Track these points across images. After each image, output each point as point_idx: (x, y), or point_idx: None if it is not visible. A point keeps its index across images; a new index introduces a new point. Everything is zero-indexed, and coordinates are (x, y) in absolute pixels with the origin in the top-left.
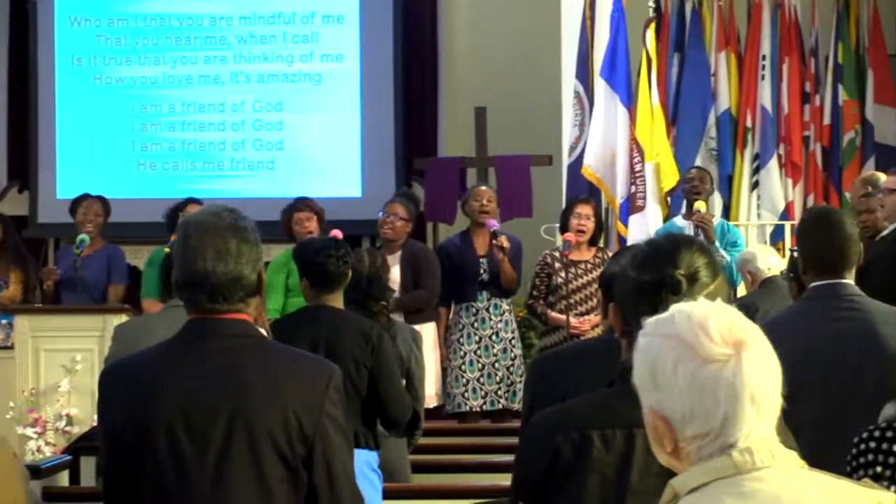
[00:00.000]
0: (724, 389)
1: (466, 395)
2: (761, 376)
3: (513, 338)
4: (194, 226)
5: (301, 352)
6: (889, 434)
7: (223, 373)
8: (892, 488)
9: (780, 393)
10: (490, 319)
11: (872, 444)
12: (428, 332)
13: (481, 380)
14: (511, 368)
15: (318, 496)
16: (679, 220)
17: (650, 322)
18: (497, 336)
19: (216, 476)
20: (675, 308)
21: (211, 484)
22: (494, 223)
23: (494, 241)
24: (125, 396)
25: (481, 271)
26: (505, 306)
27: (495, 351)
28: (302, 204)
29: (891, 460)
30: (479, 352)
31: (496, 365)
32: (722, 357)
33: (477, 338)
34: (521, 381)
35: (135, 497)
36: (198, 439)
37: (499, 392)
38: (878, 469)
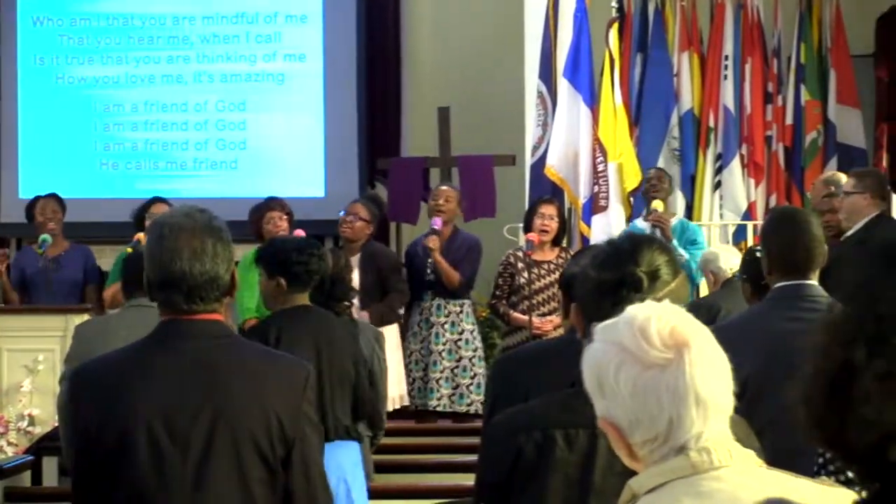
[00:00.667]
0: (667, 393)
1: (414, 393)
2: (706, 376)
3: (459, 339)
4: (169, 226)
5: (275, 351)
6: None
7: (203, 373)
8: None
9: (733, 392)
10: (432, 319)
11: None
12: (391, 333)
13: (426, 379)
14: (455, 370)
15: (295, 497)
16: (640, 222)
17: (598, 328)
18: (440, 337)
19: (197, 477)
20: (623, 313)
21: (192, 485)
22: (438, 222)
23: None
24: (101, 398)
25: (428, 272)
26: (453, 307)
27: (432, 350)
28: (275, 203)
29: None
30: (422, 351)
31: (432, 366)
32: (661, 361)
33: (420, 337)
34: (468, 384)
35: (111, 499)
36: (179, 440)
37: (437, 393)
38: (850, 474)
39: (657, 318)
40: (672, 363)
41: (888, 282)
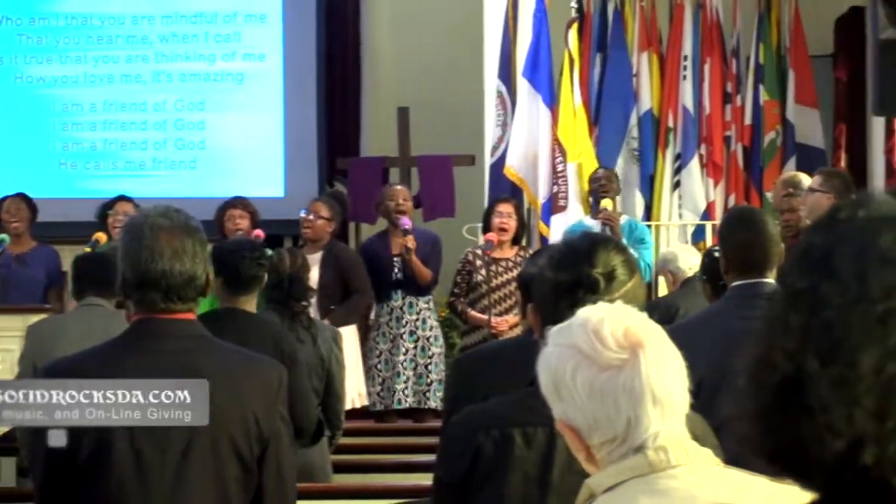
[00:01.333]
0: (624, 394)
1: (382, 394)
2: (662, 376)
3: (430, 336)
4: (149, 225)
5: (251, 352)
6: None
7: (183, 373)
8: None
9: (689, 390)
10: (405, 318)
11: None
12: (349, 333)
13: (393, 378)
14: (429, 367)
15: (265, 496)
16: (587, 220)
17: (552, 332)
18: (412, 335)
19: (177, 476)
20: (576, 316)
21: (171, 484)
22: (407, 221)
23: (401, 241)
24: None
25: (395, 271)
26: (422, 304)
27: (406, 348)
28: (238, 202)
29: None
30: (392, 350)
31: (405, 364)
32: (617, 362)
33: (391, 336)
34: (439, 380)
35: (88, 499)
36: (159, 440)
37: (406, 391)
38: None
39: (610, 319)
40: (627, 364)
41: (831, 287)
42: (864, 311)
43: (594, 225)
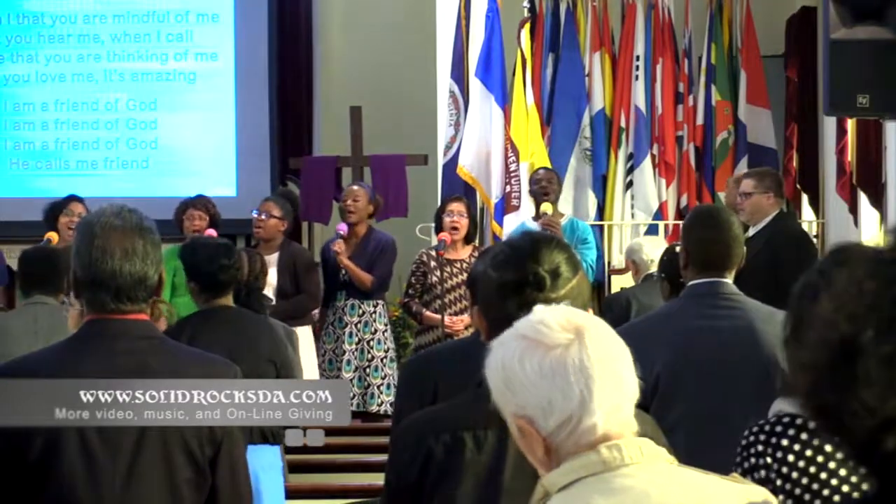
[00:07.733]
0: (574, 369)
1: None
2: (608, 354)
3: (371, 339)
4: (100, 225)
5: (203, 352)
6: (778, 429)
7: (133, 373)
8: (780, 482)
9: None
10: (346, 319)
11: (762, 437)
12: (304, 334)
13: (336, 377)
14: (368, 370)
15: (220, 496)
16: (529, 222)
17: (492, 344)
18: (352, 336)
19: (127, 478)
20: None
21: (122, 486)
22: (342, 227)
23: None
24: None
25: (343, 272)
26: (365, 307)
27: (345, 349)
28: (198, 201)
29: (779, 455)
30: (336, 350)
31: (345, 365)
32: (564, 340)
33: (335, 336)
34: (379, 384)
35: (38, 499)
36: (109, 441)
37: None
38: (768, 460)
39: (550, 311)
40: (574, 342)
41: None
42: None
43: (535, 229)
